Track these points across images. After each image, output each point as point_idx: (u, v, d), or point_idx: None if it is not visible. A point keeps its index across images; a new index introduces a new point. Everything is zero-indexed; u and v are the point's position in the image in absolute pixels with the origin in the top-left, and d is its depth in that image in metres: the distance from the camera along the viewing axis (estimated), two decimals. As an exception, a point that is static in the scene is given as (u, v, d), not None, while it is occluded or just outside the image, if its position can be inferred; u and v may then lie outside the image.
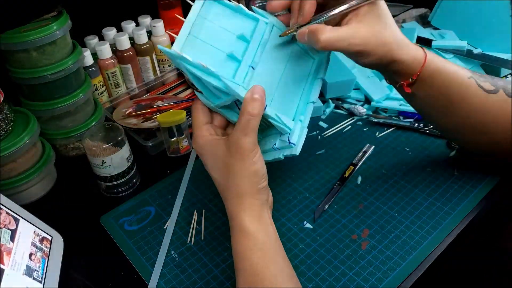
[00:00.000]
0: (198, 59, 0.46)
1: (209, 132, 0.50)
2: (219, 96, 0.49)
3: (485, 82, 0.54)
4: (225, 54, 0.48)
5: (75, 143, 0.76)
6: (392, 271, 0.53)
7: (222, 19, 0.50)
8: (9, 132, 0.64)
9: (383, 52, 0.49)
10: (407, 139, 0.73)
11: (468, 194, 0.62)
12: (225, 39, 0.49)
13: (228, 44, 0.49)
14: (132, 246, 0.60)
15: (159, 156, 0.76)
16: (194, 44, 0.48)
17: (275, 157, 0.52)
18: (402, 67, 0.51)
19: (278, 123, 0.49)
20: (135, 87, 0.87)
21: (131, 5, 0.89)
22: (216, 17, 0.49)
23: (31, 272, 0.51)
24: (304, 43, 0.50)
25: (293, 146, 0.50)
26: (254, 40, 0.49)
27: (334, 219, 0.61)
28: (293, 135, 0.50)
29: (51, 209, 0.68)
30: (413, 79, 0.52)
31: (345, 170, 0.68)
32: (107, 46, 0.80)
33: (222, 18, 0.50)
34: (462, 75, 0.54)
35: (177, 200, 0.66)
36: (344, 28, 0.47)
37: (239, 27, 0.50)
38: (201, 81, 0.49)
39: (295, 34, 0.49)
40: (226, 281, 0.54)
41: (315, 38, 0.46)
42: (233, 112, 0.52)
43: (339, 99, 0.83)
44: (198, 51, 0.47)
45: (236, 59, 0.48)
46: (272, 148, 0.52)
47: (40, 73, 0.67)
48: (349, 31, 0.47)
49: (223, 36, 0.49)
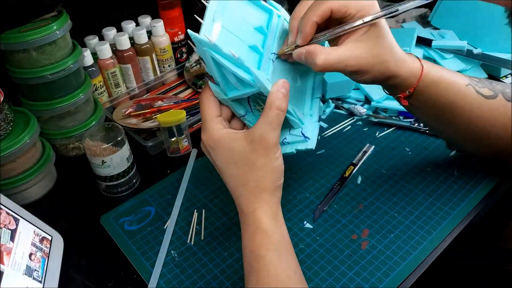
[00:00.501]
0: (223, 46, 0.44)
1: (223, 125, 0.48)
2: (237, 88, 0.48)
3: (484, 88, 0.54)
4: (247, 46, 0.47)
5: (75, 143, 0.76)
6: (392, 271, 0.53)
7: (241, 9, 0.49)
8: (9, 132, 0.64)
9: (379, 71, 0.48)
10: (407, 139, 0.73)
11: (468, 194, 0.62)
12: (245, 30, 0.48)
13: (248, 35, 0.48)
14: (132, 246, 0.60)
15: (159, 156, 0.76)
16: (220, 32, 0.46)
17: (286, 152, 0.52)
18: (399, 82, 0.51)
19: (293, 117, 0.49)
20: (135, 87, 0.87)
21: (131, 5, 0.89)
22: (235, 6, 0.48)
23: (31, 272, 0.51)
24: (300, 62, 0.48)
25: (307, 140, 0.50)
26: (271, 32, 0.49)
27: (334, 219, 0.61)
28: (306, 129, 0.50)
29: (51, 209, 0.68)
30: (410, 92, 0.52)
31: (345, 170, 0.68)
32: (107, 46, 0.80)
33: (240, 8, 0.49)
34: (459, 83, 0.53)
35: (177, 200, 0.66)
36: (342, 49, 0.46)
37: (256, 18, 0.49)
38: (221, 72, 0.47)
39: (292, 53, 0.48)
40: (226, 281, 0.54)
41: (312, 61, 0.45)
42: (241, 105, 0.51)
43: (339, 99, 0.83)
44: (224, 41, 0.45)
45: (258, 51, 0.47)
46: (282, 143, 0.52)
47: (40, 73, 0.67)
48: (346, 53, 0.46)
49: (243, 27, 0.48)
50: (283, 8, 0.52)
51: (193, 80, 0.89)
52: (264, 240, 0.45)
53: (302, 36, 0.46)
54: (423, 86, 0.52)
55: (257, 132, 0.45)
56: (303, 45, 0.47)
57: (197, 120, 0.79)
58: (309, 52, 0.45)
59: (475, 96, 0.53)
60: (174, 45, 0.91)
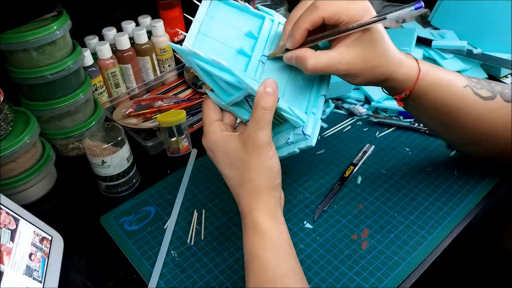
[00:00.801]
0: (204, 53, 0.45)
1: (220, 128, 0.50)
2: (230, 92, 0.49)
3: (482, 89, 0.54)
4: (234, 50, 0.48)
5: (75, 143, 0.76)
6: (392, 271, 0.53)
7: (229, 18, 0.50)
8: (9, 132, 0.64)
9: (372, 75, 0.49)
10: (407, 139, 0.73)
11: (468, 194, 0.62)
12: (233, 36, 0.49)
13: (237, 41, 0.49)
14: (132, 246, 0.60)
15: (159, 156, 0.76)
16: (204, 41, 0.48)
17: (289, 152, 0.52)
18: (394, 85, 0.51)
19: (292, 116, 0.49)
20: (135, 87, 0.87)
21: (131, 5, 0.89)
22: (223, 16, 0.50)
23: (31, 272, 0.51)
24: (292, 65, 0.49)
25: (308, 138, 0.50)
26: (262, 36, 0.50)
27: (334, 219, 0.61)
28: (307, 127, 0.50)
29: (51, 209, 0.68)
30: (406, 94, 0.52)
31: (345, 170, 0.68)
32: (107, 46, 0.80)
33: (229, 17, 0.50)
34: (457, 85, 0.53)
35: (177, 200, 0.66)
36: (332, 53, 0.46)
37: (246, 25, 0.50)
38: (212, 78, 0.49)
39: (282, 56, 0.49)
40: (226, 281, 0.54)
41: (302, 65, 0.46)
42: (244, 110, 0.52)
43: (339, 99, 0.83)
44: (208, 49, 0.47)
45: (246, 54, 0.48)
46: (286, 143, 0.52)
47: (40, 73, 0.67)
48: (337, 57, 0.46)
49: (232, 34, 0.49)
50: (277, 13, 0.52)
51: (193, 80, 0.89)
52: (261, 240, 0.45)
53: (291, 41, 0.47)
54: (420, 88, 0.52)
55: (247, 133, 0.46)
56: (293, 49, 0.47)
57: (197, 120, 0.79)
58: (299, 56, 0.46)
59: (473, 98, 0.53)
60: (174, 45, 0.91)
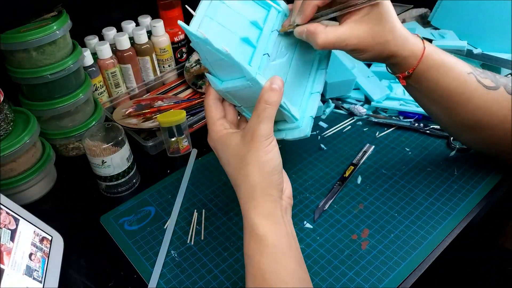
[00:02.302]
0: (214, 40, 0.45)
1: (224, 126, 0.50)
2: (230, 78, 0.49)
3: (486, 78, 0.54)
4: (239, 38, 0.49)
5: (75, 143, 0.76)
6: (392, 271, 0.53)
7: (236, 5, 0.51)
8: (9, 132, 0.64)
9: (379, 50, 0.50)
10: (407, 139, 0.73)
11: (468, 194, 0.62)
12: (239, 23, 0.50)
13: (242, 28, 0.49)
14: (132, 246, 0.60)
15: (159, 156, 0.76)
16: (210, 25, 0.48)
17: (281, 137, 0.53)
18: (399, 61, 0.52)
19: (285, 111, 0.49)
20: (135, 87, 0.87)
21: (131, 5, 0.89)
22: (230, 2, 0.50)
23: (31, 272, 0.51)
24: (302, 39, 0.51)
25: (296, 120, 0.51)
26: (267, 28, 0.50)
27: (334, 219, 0.61)
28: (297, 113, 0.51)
29: (51, 209, 0.68)
30: (409, 72, 0.53)
31: (345, 170, 0.68)
32: (107, 46, 0.80)
33: (236, 3, 0.51)
34: (461, 70, 0.54)
35: (177, 200, 0.66)
36: (342, 28, 0.48)
37: (252, 13, 0.51)
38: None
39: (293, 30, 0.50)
40: (226, 281, 0.54)
41: (313, 40, 0.48)
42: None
43: (339, 99, 0.83)
44: (213, 33, 0.47)
45: (251, 44, 0.49)
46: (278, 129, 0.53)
47: (40, 73, 0.67)
48: (347, 32, 0.48)
49: (238, 20, 0.50)
50: (284, 3, 0.53)
51: (193, 80, 0.89)
52: (257, 244, 0.44)
53: (302, 16, 0.48)
54: (423, 68, 0.52)
55: (247, 127, 0.46)
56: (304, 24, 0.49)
57: (197, 120, 0.79)
58: (310, 31, 0.48)
59: (476, 85, 0.53)
60: (174, 45, 0.91)
